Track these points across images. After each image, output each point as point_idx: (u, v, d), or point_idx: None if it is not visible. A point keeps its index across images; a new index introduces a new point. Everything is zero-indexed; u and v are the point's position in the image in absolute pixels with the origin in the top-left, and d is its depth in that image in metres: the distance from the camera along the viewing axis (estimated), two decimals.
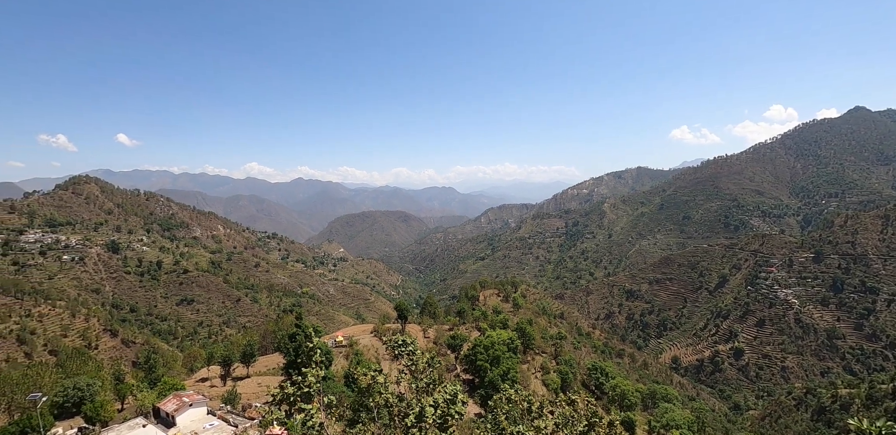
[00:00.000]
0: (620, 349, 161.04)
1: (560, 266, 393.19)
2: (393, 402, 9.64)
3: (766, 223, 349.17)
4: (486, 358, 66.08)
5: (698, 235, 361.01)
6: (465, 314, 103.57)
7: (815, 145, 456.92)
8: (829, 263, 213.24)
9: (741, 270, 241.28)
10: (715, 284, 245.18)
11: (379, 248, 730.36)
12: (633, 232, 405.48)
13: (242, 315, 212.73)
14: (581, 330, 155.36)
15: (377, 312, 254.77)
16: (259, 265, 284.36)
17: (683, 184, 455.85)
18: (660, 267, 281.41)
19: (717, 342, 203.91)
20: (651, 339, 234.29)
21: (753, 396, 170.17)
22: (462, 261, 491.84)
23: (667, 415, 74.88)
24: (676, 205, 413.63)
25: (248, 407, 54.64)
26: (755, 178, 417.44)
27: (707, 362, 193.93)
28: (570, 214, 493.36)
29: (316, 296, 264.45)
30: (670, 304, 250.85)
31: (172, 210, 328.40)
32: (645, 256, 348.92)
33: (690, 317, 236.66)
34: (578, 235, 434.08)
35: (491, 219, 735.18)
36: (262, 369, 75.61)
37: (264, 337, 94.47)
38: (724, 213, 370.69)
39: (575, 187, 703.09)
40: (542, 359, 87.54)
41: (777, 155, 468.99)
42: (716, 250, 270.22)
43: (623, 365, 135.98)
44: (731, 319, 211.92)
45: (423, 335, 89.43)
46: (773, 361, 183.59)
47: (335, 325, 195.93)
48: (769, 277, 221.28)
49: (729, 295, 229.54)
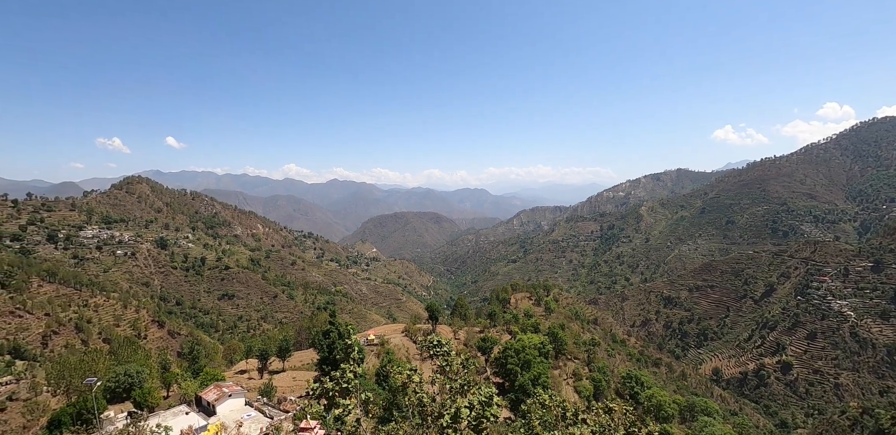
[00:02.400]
0: (657, 358, 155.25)
1: (594, 270, 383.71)
2: (427, 401, 9.67)
3: (818, 229, 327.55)
4: (517, 362, 65.29)
5: (743, 240, 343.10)
6: (496, 317, 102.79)
7: (875, 146, 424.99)
8: (891, 274, 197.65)
9: (790, 278, 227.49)
10: (761, 293, 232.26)
11: (411, 248, 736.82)
12: (672, 236, 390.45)
13: (279, 311, 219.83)
14: (615, 337, 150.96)
15: (408, 311, 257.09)
16: (295, 263, 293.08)
17: (727, 186, 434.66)
18: (701, 274, 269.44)
19: (762, 355, 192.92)
20: (690, 349, 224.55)
21: (802, 413, 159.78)
22: (493, 263, 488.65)
23: (706, 429, 71.52)
24: (719, 209, 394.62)
25: (283, 400, 56.33)
26: (807, 181, 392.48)
27: (751, 376, 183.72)
28: (605, 218, 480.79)
29: (349, 294, 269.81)
30: (712, 312, 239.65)
31: (216, 209, 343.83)
32: (684, 261, 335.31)
33: (733, 327, 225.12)
34: (614, 238, 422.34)
35: (523, 221, 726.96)
36: (296, 364, 77.79)
37: (299, 333, 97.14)
38: (772, 217, 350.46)
39: (610, 190, 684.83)
40: (575, 365, 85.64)
41: (831, 156, 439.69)
42: (762, 257, 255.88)
43: (660, 375, 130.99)
44: (779, 330, 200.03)
45: (454, 337, 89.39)
46: (826, 377, 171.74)
47: (367, 323, 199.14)
48: (822, 287, 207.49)
49: (776, 305, 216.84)
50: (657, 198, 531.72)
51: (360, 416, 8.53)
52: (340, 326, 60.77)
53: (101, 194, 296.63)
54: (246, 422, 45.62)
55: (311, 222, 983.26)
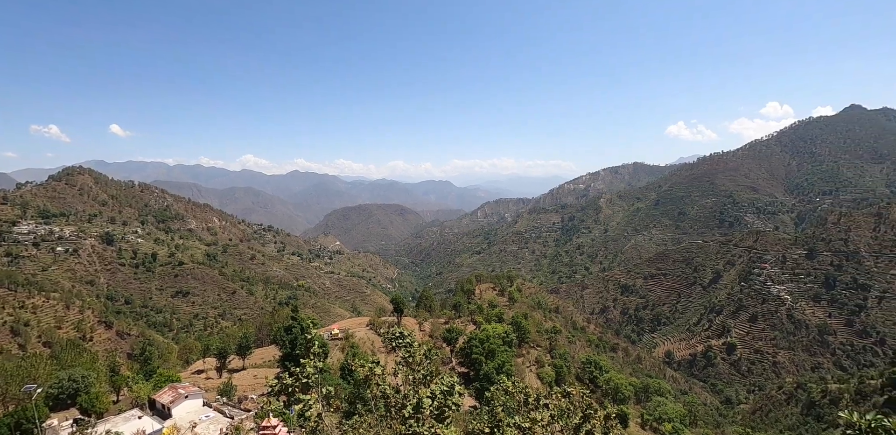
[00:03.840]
0: (615, 343, 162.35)
1: (556, 261, 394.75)
2: (390, 393, 9.64)
3: (760, 220, 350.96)
4: (482, 351, 66.48)
5: (693, 230, 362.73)
6: (461, 308, 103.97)
7: (811, 143, 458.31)
8: (822, 260, 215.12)
9: (735, 266, 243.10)
10: (709, 279, 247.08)
11: (375, 241, 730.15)
12: (629, 227, 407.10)
13: (238, 308, 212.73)
14: (576, 324, 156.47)
15: (373, 305, 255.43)
16: (254, 258, 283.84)
17: (679, 180, 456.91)
18: (655, 262, 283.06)
19: (710, 337, 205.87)
20: (645, 333, 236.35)
21: (745, 390, 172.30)
22: (458, 255, 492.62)
23: (659, 408, 75.86)
24: (672, 201, 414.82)
25: (243, 399, 54.82)
26: (750, 175, 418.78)
27: (700, 357, 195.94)
28: (567, 209, 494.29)
29: (312, 289, 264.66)
30: (665, 299, 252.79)
31: (167, 202, 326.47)
32: (640, 251, 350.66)
33: (684, 312, 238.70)
34: (574, 229, 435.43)
35: (487, 213, 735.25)
36: (257, 362, 75.79)
37: (260, 329, 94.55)
38: (720, 209, 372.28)
39: (571, 182, 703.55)
40: (537, 352, 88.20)
41: (773, 152, 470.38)
42: (710, 246, 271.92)
43: (617, 359, 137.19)
44: (725, 314, 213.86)
45: (419, 328, 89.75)
46: (765, 357, 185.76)
47: (331, 317, 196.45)
48: (762, 274, 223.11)
49: (723, 291, 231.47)
50: (615, 190, 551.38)
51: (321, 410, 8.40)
52: (303, 321, 59.60)
53: (37, 186, 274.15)
54: (204, 423, 44.12)
55: (272, 215, 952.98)
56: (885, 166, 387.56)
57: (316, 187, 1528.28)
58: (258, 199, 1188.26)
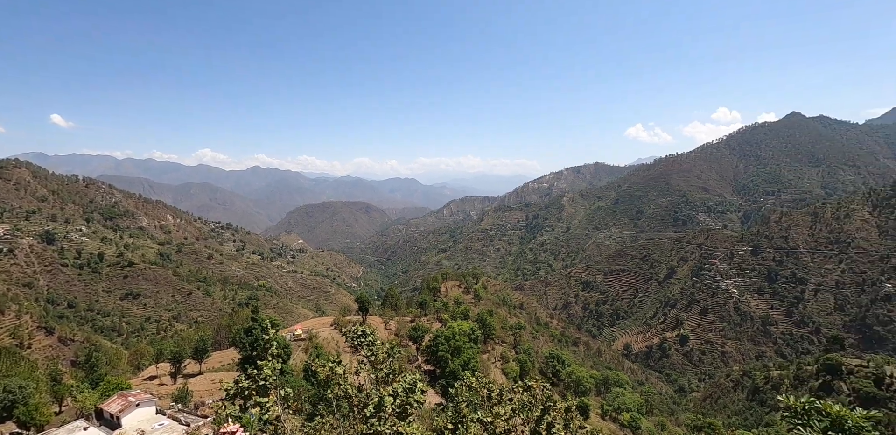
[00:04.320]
0: (576, 338, 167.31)
1: (520, 258, 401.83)
2: (352, 393, 9.52)
3: (710, 218, 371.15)
4: (448, 349, 66.79)
5: (650, 228, 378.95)
6: (427, 306, 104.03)
7: (756, 147, 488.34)
8: (765, 256, 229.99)
9: (688, 262, 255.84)
10: (664, 275, 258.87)
11: (340, 239, 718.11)
12: (590, 225, 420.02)
13: (194, 309, 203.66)
14: (539, 320, 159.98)
15: (338, 304, 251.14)
16: (212, 257, 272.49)
17: (637, 180, 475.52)
18: (614, 259, 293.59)
19: (664, 330, 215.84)
20: (605, 327, 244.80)
21: (696, 379, 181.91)
22: (424, 253, 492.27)
23: (618, 399, 78.91)
24: (630, 200, 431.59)
25: (200, 405, 52.66)
26: (702, 176, 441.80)
27: (655, 349, 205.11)
28: (531, 208, 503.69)
29: (273, 288, 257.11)
30: (623, 294, 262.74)
31: (115, 198, 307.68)
32: (601, 248, 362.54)
33: (641, 306, 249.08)
34: (538, 227, 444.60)
35: (453, 211, 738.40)
36: (215, 365, 72.95)
37: (218, 332, 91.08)
38: (674, 208, 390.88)
39: (535, 181, 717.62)
40: (502, 348, 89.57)
41: (722, 155, 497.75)
42: (665, 243, 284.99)
43: (579, 353, 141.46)
44: (678, 307, 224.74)
45: (385, 327, 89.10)
46: (715, 347, 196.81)
47: (294, 318, 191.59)
48: (712, 269, 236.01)
49: (676, 285, 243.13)
50: (577, 189, 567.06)
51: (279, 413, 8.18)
52: (264, 322, 57.84)
53: None
54: (157, 432, 42.07)
55: (231, 212, 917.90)
56: (821, 169, 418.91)
57: (278, 184, 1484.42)
58: (216, 195, 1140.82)
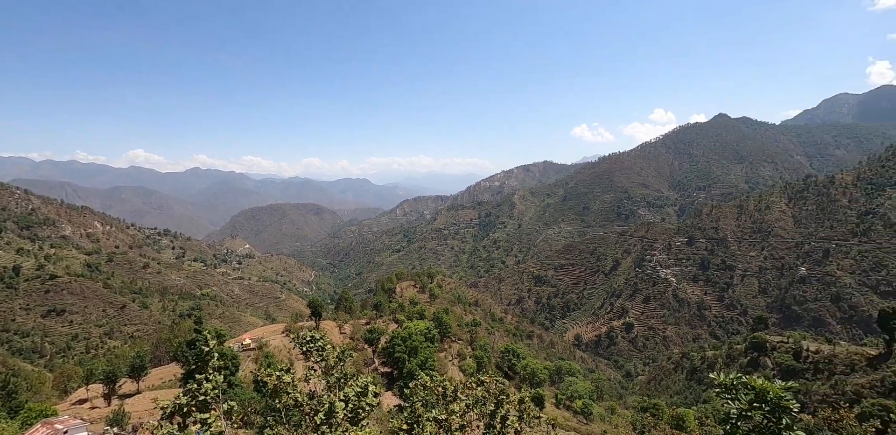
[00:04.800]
0: (530, 331, 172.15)
1: (474, 256, 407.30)
2: (303, 401, 9.25)
3: (650, 212, 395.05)
4: (404, 349, 66.47)
5: (596, 223, 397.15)
6: (382, 307, 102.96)
7: (689, 145, 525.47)
8: (699, 246, 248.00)
9: (631, 254, 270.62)
10: (610, 267, 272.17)
11: (289, 243, 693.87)
12: (540, 222, 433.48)
13: (129, 324, 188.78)
14: (494, 316, 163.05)
15: (289, 310, 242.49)
16: (148, 266, 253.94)
17: (583, 178, 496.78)
18: (563, 254, 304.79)
19: (612, 319, 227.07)
20: (557, 320, 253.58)
21: (641, 363, 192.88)
22: (378, 254, 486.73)
23: (571, 387, 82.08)
24: (577, 197, 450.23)
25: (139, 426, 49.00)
26: (642, 173, 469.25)
27: (604, 337, 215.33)
28: (483, 206, 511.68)
29: (219, 297, 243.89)
30: (573, 287, 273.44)
31: (33, 204, 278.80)
32: (551, 243, 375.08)
33: (590, 298, 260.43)
34: (491, 225, 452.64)
35: (406, 211, 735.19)
36: (156, 383, 68.17)
37: (157, 346, 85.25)
38: (617, 203, 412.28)
39: (487, 180, 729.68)
40: (459, 346, 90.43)
41: (659, 153, 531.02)
42: (610, 237, 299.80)
43: (533, 345, 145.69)
44: (623, 297, 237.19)
45: (340, 331, 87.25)
46: (657, 332, 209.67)
47: (242, 327, 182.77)
48: (653, 260, 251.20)
49: (621, 276, 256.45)
50: (528, 187, 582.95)
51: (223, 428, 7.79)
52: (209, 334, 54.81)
53: None
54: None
55: (168, 217, 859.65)
56: (745, 166, 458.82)
57: (221, 186, 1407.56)
58: (151, 199, 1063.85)
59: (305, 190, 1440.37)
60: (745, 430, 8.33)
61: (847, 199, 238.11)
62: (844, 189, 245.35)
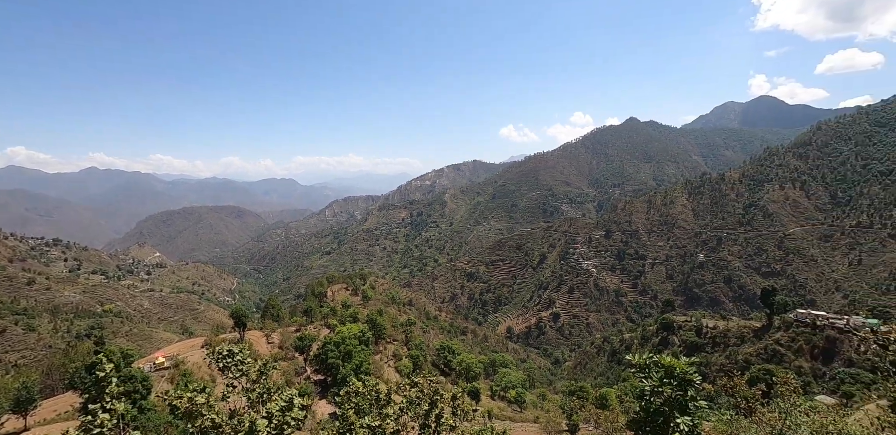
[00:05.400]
0: (464, 327, 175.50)
1: (407, 255, 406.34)
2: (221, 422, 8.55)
3: (572, 208, 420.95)
4: (338, 354, 64.48)
5: (524, 220, 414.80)
6: (313, 312, 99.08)
7: (605, 146, 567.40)
8: (615, 238, 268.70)
9: (556, 248, 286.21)
10: (537, 261, 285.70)
11: (207, 249, 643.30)
12: (471, 220, 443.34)
13: (11, 350, 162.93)
14: (429, 314, 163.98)
15: (209, 322, 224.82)
16: (35, 282, 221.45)
17: (511, 176, 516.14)
18: (494, 250, 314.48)
19: (540, 310, 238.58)
20: (490, 314, 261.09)
21: (568, 350, 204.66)
22: (307, 257, 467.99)
23: (504, 378, 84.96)
24: (506, 194, 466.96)
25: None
26: (564, 172, 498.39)
27: (534, 328, 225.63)
28: (415, 205, 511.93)
29: (124, 313, 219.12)
30: (504, 281, 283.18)
31: None
32: (482, 241, 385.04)
33: (520, 291, 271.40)
34: (423, 224, 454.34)
35: (336, 211, 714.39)
36: (48, 416, 59.61)
37: (49, 374, 74.64)
38: (543, 201, 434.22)
39: (418, 179, 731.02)
40: (395, 346, 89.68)
41: (580, 153, 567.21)
42: (537, 233, 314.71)
43: (467, 341, 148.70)
44: (550, 289, 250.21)
45: (267, 341, 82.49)
46: (581, 320, 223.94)
47: (154, 344, 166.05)
48: (575, 253, 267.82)
49: (548, 269, 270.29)
50: (458, 186, 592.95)
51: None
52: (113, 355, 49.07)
53: None
54: None
55: (60, 225, 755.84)
56: (652, 165, 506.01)
57: (124, 188, 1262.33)
58: (37, 204, 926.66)
59: (225, 191, 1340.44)
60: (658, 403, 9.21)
61: (734, 194, 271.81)
62: (732, 185, 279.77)
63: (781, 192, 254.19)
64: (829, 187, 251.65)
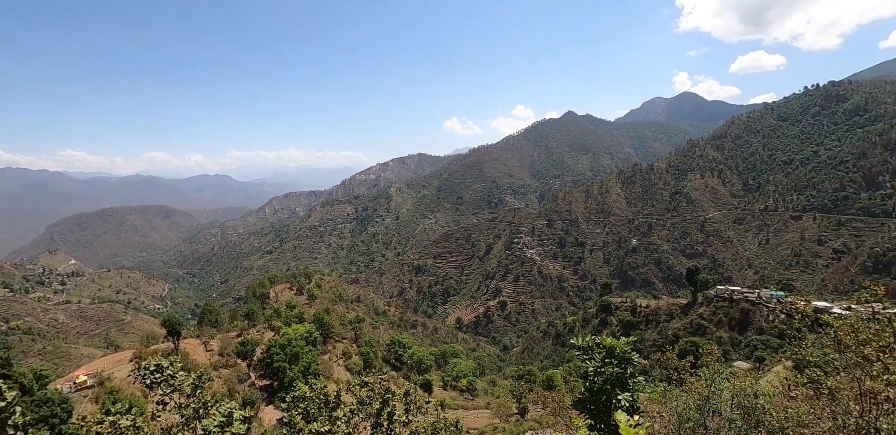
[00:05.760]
0: (414, 320, 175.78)
1: (353, 251, 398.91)
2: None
3: (516, 199, 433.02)
4: (284, 357, 62.18)
5: (469, 211, 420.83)
6: (255, 315, 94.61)
7: (545, 139, 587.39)
8: (556, 227, 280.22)
9: (501, 238, 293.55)
10: (483, 251, 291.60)
11: (132, 253, 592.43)
12: (418, 213, 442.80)
13: None
14: (378, 309, 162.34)
15: (138, 333, 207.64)
16: None
17: (456, 169, 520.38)
18: (441, 242, 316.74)
19: (488, 300, 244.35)
20: (439, 306, 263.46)
21: (516, 336, 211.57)
22: (246, 257, 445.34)
23: (455, 368, 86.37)
24: (451, 187, 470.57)
25: None
26: (508, 164, 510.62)
27: (482, 317, 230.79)
28: (360, 200, 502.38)
29: (36, 329, 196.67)
30: (452, 273, 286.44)
31: None
32: (429, 233, 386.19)
33: (467, 282, 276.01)
34: (368, 219, 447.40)
35: (277, 208, 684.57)
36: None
37: None
38: (487, 192, 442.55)
39: (363, 173, 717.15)
40: (344, 345, 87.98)
41: (522, 145, 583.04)
42: (483, 224, 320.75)
43: (418, 334, 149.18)
44: (497, 278, 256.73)
45: (206, 349, 77.62)
46: (527, 307, 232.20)
47: (74, 361, 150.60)
48: (520, 242, 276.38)
49: (494, 259, 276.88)
50: (404, 179, 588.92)
51: None
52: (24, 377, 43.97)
53: None
54: None
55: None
56: (589, 156, 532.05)
57: (28, 188, 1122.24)
58: None
59: (150, 190, 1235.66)
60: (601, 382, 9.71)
61: (662, 183, 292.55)
62: (660, 175, 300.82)
63: (702, 180, 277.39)
64: (741, 175, 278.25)
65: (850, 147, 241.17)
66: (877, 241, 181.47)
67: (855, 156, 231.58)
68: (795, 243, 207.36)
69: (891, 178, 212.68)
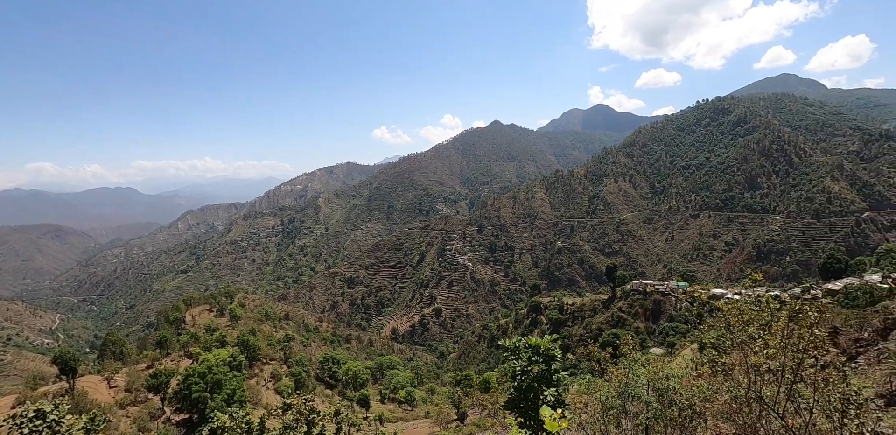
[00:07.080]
0: (348, 334, 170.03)
1: (280, 266, 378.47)
2: None
3: (447, 207, 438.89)
4: (204, 386, 56.76)
5: (401, 220, 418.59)
6: (169, 343, 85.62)
7: (473, 147, 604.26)
8: (487, 233, 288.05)
9: (433, 245, 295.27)
10: (416, 260, 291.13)
11: (12, 281, 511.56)
12: (348, 223, 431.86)
13: None
14: (309, 326, 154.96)
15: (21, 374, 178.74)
16: None
17: (386, 177, 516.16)
18: (373, 253, 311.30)
19: (422, 308, 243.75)
20: (373, 318, 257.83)
21: (452, 342, 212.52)
22: (157, 278, 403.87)
23: (393, 380, 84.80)
24: (382, 196, 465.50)
25: None
26: (438, 172, 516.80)
27: (418, 326, 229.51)
28: (286, 211, 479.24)
29: None
30: (385, 284, 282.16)
31: None
32: (360, 244, 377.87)
33: (401, 291, 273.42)
34: (296, 231, 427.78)
35: (191, 223, 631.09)
36: None
37: None
38: (419, 201, 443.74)
39: (288, 183, 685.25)
40: (272, 366, 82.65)
41: (451, 153, 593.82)
42: (415, 232, 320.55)
43: (352, 348, 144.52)
44: (430, 286, 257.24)
45: (109, 385, 68.63)
46: (461, 312, 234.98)
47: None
48: (452, 249, 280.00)
49: (427, 267, 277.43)
50: (332, 189, 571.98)
51: None
52: None
53: None
54: None
55: None
56: (515, 164, 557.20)
57: None
58: None
59: (35, 205, 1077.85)
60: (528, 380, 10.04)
61: (581, 188, 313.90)
62: (579, 180, 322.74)
63: (616, 184, 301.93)
64: (648, 179, 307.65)
65: (734, 153, 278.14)
66: (758, 233, 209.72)
67: (738, 161, 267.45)
68: (695, 238, 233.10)
69: (766, 179, 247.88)
